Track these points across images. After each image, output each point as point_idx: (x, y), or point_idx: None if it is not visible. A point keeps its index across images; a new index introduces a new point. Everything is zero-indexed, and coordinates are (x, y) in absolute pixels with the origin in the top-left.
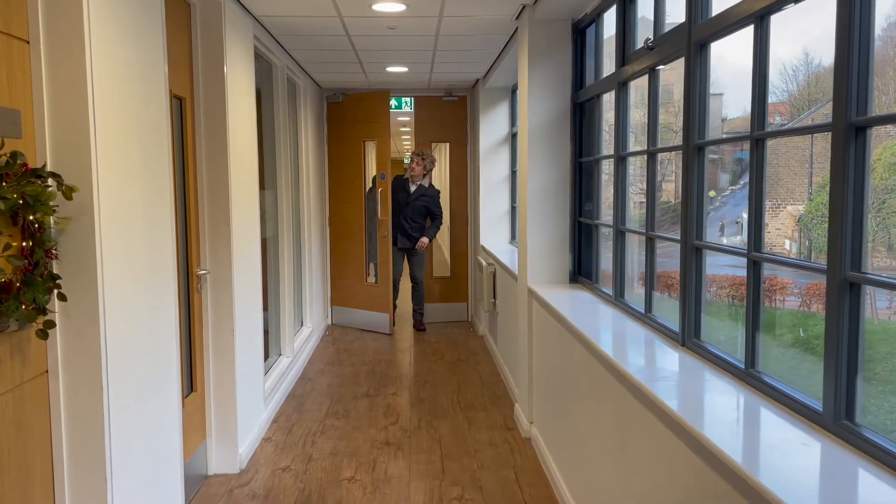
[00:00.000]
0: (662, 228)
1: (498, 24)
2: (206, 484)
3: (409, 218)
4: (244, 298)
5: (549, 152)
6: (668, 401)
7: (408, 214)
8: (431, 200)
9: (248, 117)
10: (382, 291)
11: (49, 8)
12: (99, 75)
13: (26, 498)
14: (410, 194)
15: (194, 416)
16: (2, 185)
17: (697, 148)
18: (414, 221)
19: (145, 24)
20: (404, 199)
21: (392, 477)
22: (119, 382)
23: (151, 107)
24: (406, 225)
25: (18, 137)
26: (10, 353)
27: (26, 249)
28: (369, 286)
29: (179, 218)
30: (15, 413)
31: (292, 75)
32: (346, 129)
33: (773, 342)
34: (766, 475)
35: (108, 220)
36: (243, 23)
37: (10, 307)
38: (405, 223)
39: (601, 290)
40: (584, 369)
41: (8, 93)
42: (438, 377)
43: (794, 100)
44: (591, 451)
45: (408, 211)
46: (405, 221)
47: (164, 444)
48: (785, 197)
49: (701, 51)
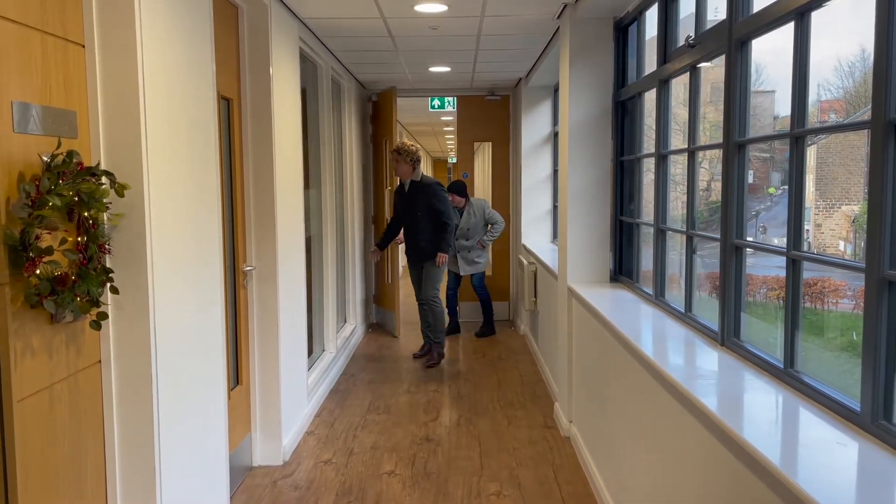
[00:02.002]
0: (711, 229)
1: (539, 24)
2: (250, 475)
3: (411, 225)
4: (288, 294)
5: (591, 151)
6: (706, 400)
7: (409, 221)
8: (428, 196)
9: (293, 117)
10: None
11: (103, 13)
12: (150, 77)
13: (79, 480)
14: (405, 197)
15: (239, 409)
16: (59, 183)
17: (738, 146)
18: (417, 228)
19: (194, 27)
20: (402, 205)
21: (431, 472)
22: (168, 373)
23: (199, 107)
24: (410, 233)
25: (74, 137)
26: (66, 342)
27: (81, 244)
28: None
29: (226, 215)
30: (70, 400)
31: (336, 76)
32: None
33: (825, 346)
34: (801, 475)
35: (158, 217)
36: (289, 25)
37: (66, 299)
38: (409, 232)
39: (641, 290)
40: (623, 368)
41: (64, 95)
42: (479, 375)
43: (849, 97)
44: (628, 450)
45: (408, 218)
46: (409, 229)
47: (211, 434)
48: (840, 197)
49: (742, 48)
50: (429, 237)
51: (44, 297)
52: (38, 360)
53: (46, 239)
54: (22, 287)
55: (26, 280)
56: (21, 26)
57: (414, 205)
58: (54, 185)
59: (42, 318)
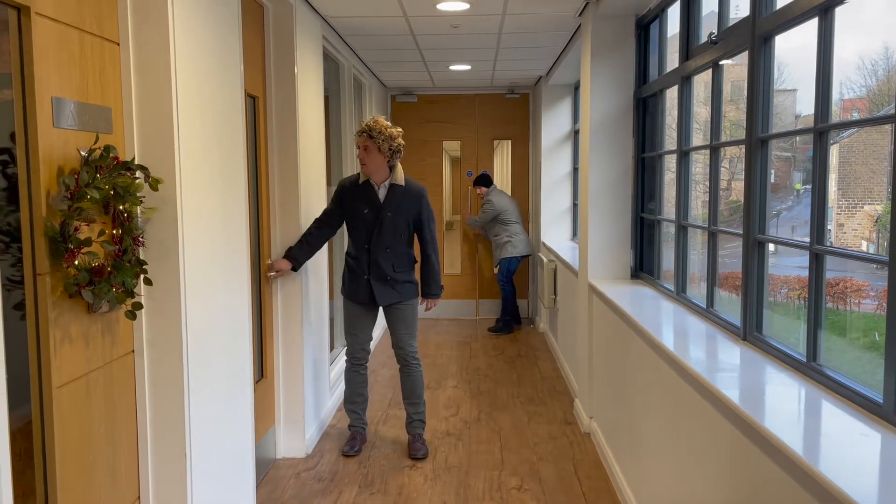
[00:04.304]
0: (731, 228)
1: (561, 21)
2: (274, 467)
3: (375, 243)
4: (312, 289)
5: (612, 148)
6: (729, 392)
7: (372, 238)
8: (414, 208)
9: (316, 115)
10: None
11: (137, 12)
12: (182, 75)
13: (113, 466)
14: (372, 202)
15: (264, 402)
16: (96, 177)
17: (761, 141)
18: (387, 249)
19: (223, 26)
20: (369, 214)
21: (452, 466)
22: (197, 364)
23: (228, 104)
24: (369, 255)
25: (109, 133)
26: (102, 332)
27: (116, 237)
28: None
29: (252, 210)
30: (105, 388)
31: (358, 75)
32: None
33: (848, 346)
34: (824, 465)
35: (189, 211)
36: (313, 24)
37: (103, 289)
38: (367, 252)
39: (663, 286)
40: (644, 363)
41: (101, 91)
42: (498, 371)
43: (872, 95)
44: (649, 444)
45: (373, 232)
46: (368, 249)
47: (238, 425)
48: (862, 196)
49: (765, 44)
50: (406, 266)
51: (82, 286)
52: (76, 349)
53: (85, 231)
54: (61, 277)
55: (65, 270)
56: (60, 24)
57: (389, 216)
58: (92, 178)
59: (80, 307)
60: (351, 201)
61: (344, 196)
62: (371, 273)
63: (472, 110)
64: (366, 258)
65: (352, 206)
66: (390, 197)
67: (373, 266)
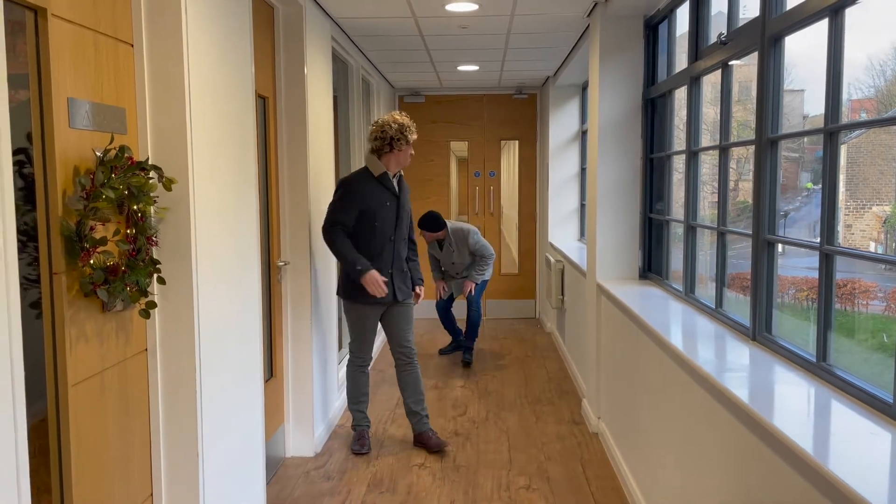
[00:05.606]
0: (739, 228)
1: (569, 22)
2: (283, 465)
3: (392, 242)
4: (321, 289)
5: (620, 148)
6: (738, 392)
7: (390, 236)
8: (407, 199)
9: (326, 116)
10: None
11: (151, 14)
12: (195, 76)
13: (127, 463)
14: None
15: (273, 401)
16: (111, 177)
17: (770, 142)
18: (402, 246)
19: (235, 28)
20: (392, 205)
21: (461, 465)
22: (209, 363)
23: (239, 105)
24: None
25: (124, 133)
26: (116, 331)
27: (130, 236)
28: None
29: (262, 210)
30: (119, 386)
31: (366, 75)
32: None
33: (856, 346)
34: (834, 463)
35: (201, 211)
36: (322, 25)
37: (117, 288)
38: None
39: (671, 287)
40: (653, 363)
41: (115, 92)
42: (506, 372)
43: (881, 95)
44: (658, 444)
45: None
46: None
47: (249, 424)
48: (871, 197)
49: (775, 45)
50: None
51: (97, 285)
52: (91, 347)
53: (100, 230)
54: (77, 276)
55: (81, 269)
56: (75, 26)
57: (402, 211)
58: (107, 178)
59: (94, 306)
60: (371, 196)
61: (363, 194)
62: (394, 266)
63: (480, 111)
64: (390, 250)
65: (375, 201)
66: (400, 186)
67: (396, 259)
